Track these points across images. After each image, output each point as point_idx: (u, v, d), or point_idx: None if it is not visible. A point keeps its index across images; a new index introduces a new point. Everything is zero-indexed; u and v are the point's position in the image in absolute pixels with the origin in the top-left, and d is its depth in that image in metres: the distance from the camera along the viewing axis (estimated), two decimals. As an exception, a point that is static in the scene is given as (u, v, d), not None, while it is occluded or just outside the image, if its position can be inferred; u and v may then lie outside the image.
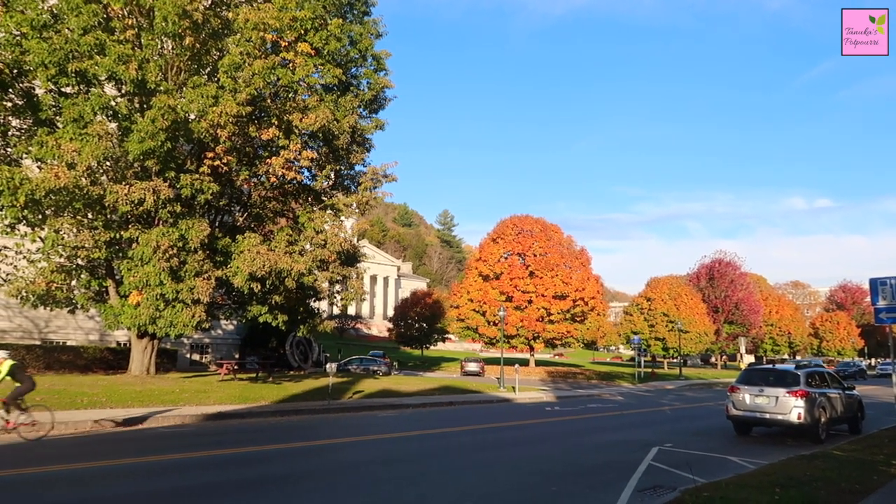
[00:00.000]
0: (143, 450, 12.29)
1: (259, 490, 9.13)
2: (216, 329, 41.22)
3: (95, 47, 18.46)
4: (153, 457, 11.52)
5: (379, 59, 26.29)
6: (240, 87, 19.72)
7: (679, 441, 15.21)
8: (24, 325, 33.82)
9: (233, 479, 9.90)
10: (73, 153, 17.76)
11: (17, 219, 19.23)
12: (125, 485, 9.28)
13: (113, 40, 19.25)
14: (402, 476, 10.52)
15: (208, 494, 8.86)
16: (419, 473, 10.83)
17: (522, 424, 18.80)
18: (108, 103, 18.41)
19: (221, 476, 10.12)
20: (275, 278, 20.61)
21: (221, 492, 9.01)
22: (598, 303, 57.61)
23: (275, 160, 20.86)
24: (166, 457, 11.60)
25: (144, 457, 11.48)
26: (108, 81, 19.60)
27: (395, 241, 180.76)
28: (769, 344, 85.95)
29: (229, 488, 9.23)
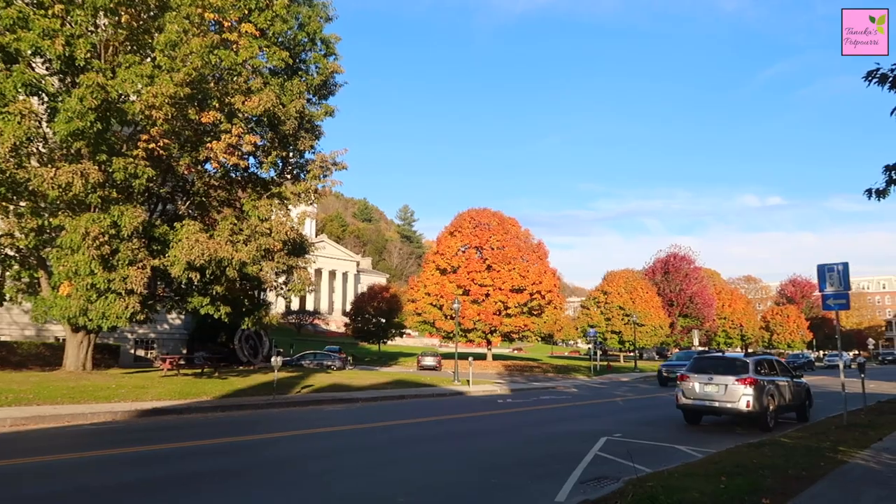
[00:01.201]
0: (61, 447, 11.41)
1: (188, 487, 8.44)
2: (162, 323, 39.84)
3: (19, 21, 17.27)
4: (72, 454, 10.67)
5: (328, 44, 25.44)
6: (177, 67, 18.75)
7: (629, 431, 14.91)
8: (-49, 320, 32.09)
9: (158, 476, 9.15)
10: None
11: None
12: (29, 486, 8.45)
13: (39, 14, 18.08)
14: (341, 470, 9.92)
15: (126, 493, 8.11)
16: (359, 467, 10.24)
17: (472, 417, 18.32)
18: (31, 81, 17.23)
19: (146, 473, 9.36)
20: (215, 268, 19.70)
21: (142, 490, 8.27)
22: (554, 296, 57.63)
23: (216, 144, 19.92)
24: (88, 454, 10.77)
25: (61, 454, 10.62)
26: (34, 58, 18.39)
27: (354, 237, 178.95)
28: (722, 337, 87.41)
29: (152, 486, 8.50)
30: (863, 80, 7.63)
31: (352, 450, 12.08)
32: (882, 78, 7.57)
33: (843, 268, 14.58)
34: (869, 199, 9.32)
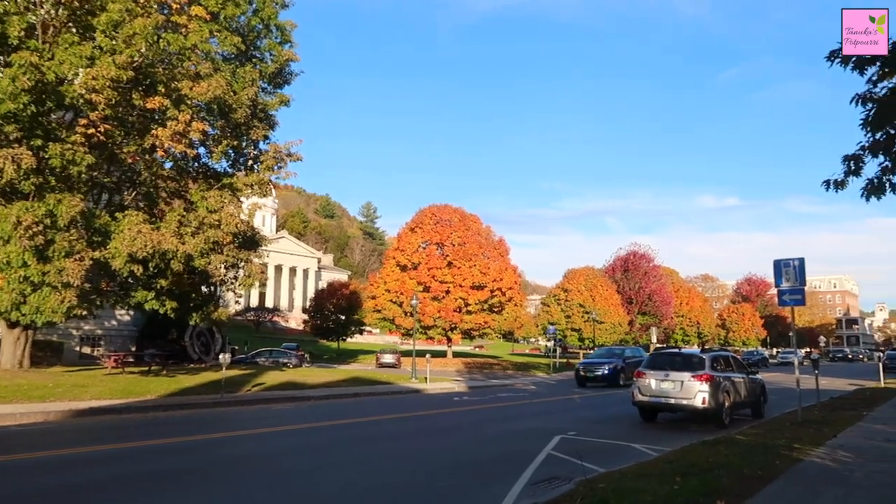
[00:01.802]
0: None
1: (112, 492, 7.76)
2: (109, 320, 38.38)
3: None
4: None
5: (283, 30, 24.59)
6: (119, 49, 17.79)
7: (584, 429, 14.59)
8: None
9: (77, 482, 8.43)
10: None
11: None
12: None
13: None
14: (280, 472, 9.32)
15: (49, 498, 7.42)
16: (300, 469, 9.66)
17: (427, 415, 17.83)
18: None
19: (67, 478, 8.62)
20: (159, 260, 18.79)
21: (66, 496, 7.58)
22: (515, 293, 57.52)
23: (161, 131, 18.98)
24: (11, 457, 9.96)
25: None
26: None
27: (316, 233, 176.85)
28: (679, 334, 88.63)
29: (77, 491, 7.80)
30: (825, 59, 7.36)
31: (295, 451, 11.48)
32: (845, 59, 7.30)
33: (798, 263, 14.49)
34: (827, 190, 9.09)
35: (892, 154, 8.41)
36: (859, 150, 8.63)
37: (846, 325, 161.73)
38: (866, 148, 8.53)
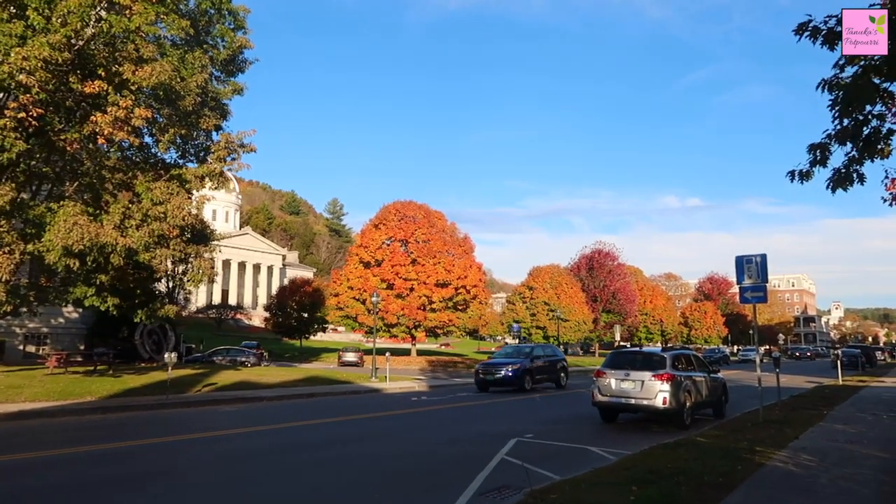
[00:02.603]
0: None
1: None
2: (56, 317, 36.78)
3: None
4: None
5: (236, 16, 23.58)
6: (54, 28, 16.66)
7: (542, 431, 14.04)
8: None
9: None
10: None
11: None
12: None
13: None
14: (207, 483, 8.55)
15: None
16: (230, 479, 8.90)
17: (381, 417, 17.10)
18: None
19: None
20: (97, 254, 17.70)
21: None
22: (480, 291, 57.03)
23: (100, 117, 17.86)
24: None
25: None
26: None
27: (281, 230, 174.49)
28: (643, 332, 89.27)
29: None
30: (793, 34, 6.84)
31: (229, 458, 10.66)
32: (814, 31, 6.79)
33: (761, 259, 14.13)
34: (792, 181, 8.58)
35: (859, 142, 7.96)
36: (825, 138, 8.16)
37: (804, 324, 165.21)
38: (833, 136, 8.06)
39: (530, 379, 26.34)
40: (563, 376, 28.84)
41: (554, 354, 29.68)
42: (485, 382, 26.38)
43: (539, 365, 27.37)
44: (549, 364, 28.15)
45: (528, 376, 26.19)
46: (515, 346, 31.44)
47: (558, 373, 28.59)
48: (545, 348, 30.50)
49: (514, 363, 26.31)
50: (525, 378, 25.99)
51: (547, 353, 29.37)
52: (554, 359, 29.03)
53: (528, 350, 28.31)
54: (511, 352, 29.46)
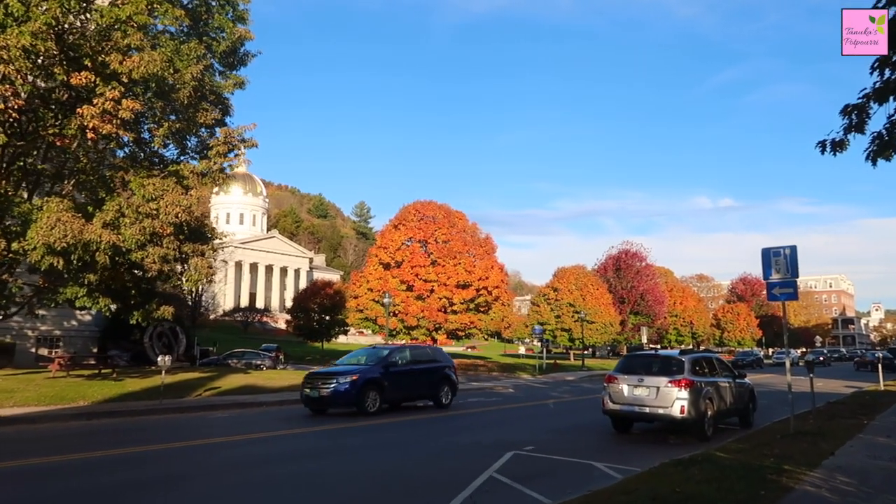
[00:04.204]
0: None
1: None
2: (69, 319, 36.45)
3: None
4: None
5: (235, 6, 22.69)
6: (34, 16, 15.89)
7: (545, 441, 12.73)
8: None
9: None
10: None
11: None
12: None
13: None
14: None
15: None
16: (188, 499, 7.82)
17: (375, 425, 15.94)
18: None
19: None
20: (82, 252, 16.87)
21: None
22: (502, 292, 55.55)
23: (86, 109, 17.05)
24: None
25: None
26: None
27: (309, 233, 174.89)
28: (673, 335, 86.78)
29: None
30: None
31: (194, 473, 9.59)
32: None
33: (790, 251, 12.63)
34: (823, 153, 7.23)
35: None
36: (862, 98, 6.81)
37: (842, 325, 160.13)
38: (872, 95, 6.71)
39: (377, 395, 18.23)
40: (447, 390, 20.77)
41: (434, 360, 21.28)
42: (309, 400, 18.37)
43: (400, 374, 19.41)
44: (420, 373, 20.19)
45: (372, 392, 18.13)
46: (373, 349, 21.75)
47: (439, 385, 20.53)
48: (417, 351, 21.93)
49: (353, 372, 18.34)
50: (367, 395, 17.92)
51: (419, 356, 21.07)
52: (432, 366, 20.80)
53: (385, 354, 19.95)
54: (362, 354, 20.96)
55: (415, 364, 20.38)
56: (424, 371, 20.46)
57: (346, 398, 17.72)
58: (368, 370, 18.68)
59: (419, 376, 20.16)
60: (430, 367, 20.78)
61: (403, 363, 20.01)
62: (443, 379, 20.81)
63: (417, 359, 20.80)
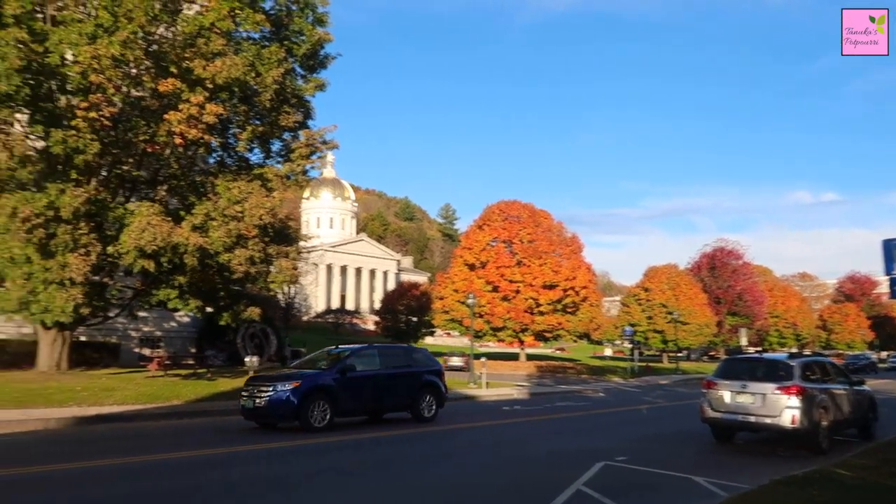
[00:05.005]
0: None
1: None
2: (168, 321, 38.07)
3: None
4: None
5: (314, 9, 22.85)
6: (122, 26, 16.41)
7: (638, 451, 11.81)
8: (-55, 316, 30.75)
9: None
10: None
11: None
12: None
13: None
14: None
15: None
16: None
17: (458, 429, 15.48)
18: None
19: None
20: (171, 255, 17.30)
21: None
22: (590, 293, 54.05)
23: (173, 115, 17.51)
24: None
25: None
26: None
27: (396, 235, 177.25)
28: (775, 336, 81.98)
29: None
30: None
31: (271, 480, 9.37)
32: None
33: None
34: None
35: None
36: None
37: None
38: None
39: (327, 406, 14.64)
40: (430, 401, 17.20)
41: (412, 363, 17.59)
42: (245, 411, 15.28)
43: (361, 380, 15.80)
44: (391, 379, 16.53)
45: (320, 402, 14.55)
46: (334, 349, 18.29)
47: (418, 395, 16.87)
48: (388, 352, 18.20)
49: (296, 377, 14.99)
50: (313, 406, 14.41)
51: (391, 360, 17.35)
52: (409, 370, 17.12)
53: (344, 355, 16.46)
54: (318, 357, 17.92)
55: (384, 369, 16.60)
56: (397, 377, 16.69)
57: (285, 410, 14.26)
58: (317, 375, 15.21)
59: (390, 383, 16.44)
60: (407, 372, 17.00)
61: (367, 367, 16.24)
62: (424, 387, 17.06)
63: (389, 362, 17.05)
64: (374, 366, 16.52)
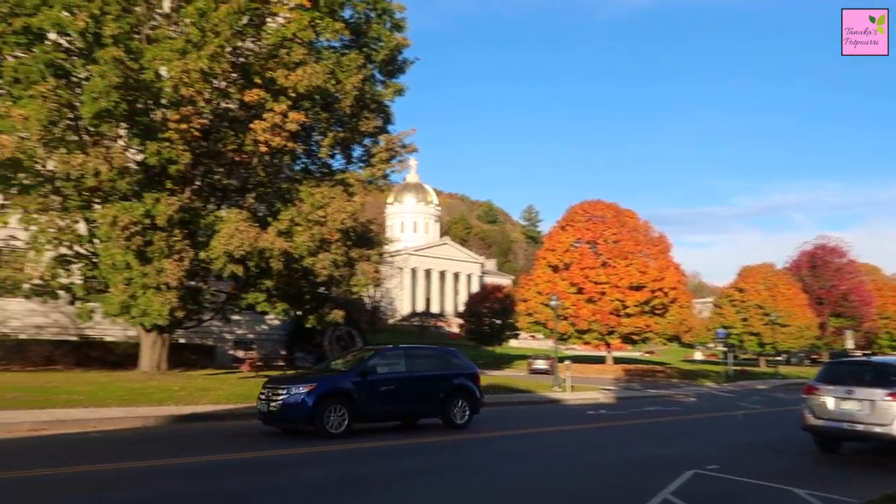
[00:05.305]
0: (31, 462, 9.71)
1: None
2: (260, 324, 39.52)
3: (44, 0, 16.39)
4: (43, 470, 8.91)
5: (392, 15, 23.14)
6: (209, 41, 17.12)
7: (732, 460, 11.16)
8: (60, 320, 33.02)
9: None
10: (22, 119, 15.69)
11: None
12: None
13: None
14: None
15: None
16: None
17: (540, 433, 15.17)
18: (54, 61, 16.22)
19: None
20: (258, 259, 17.89)
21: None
22: (679, 294, 52.19)
23: (257, 124, 18.14)
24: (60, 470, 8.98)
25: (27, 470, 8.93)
26: (61, 37, 17.46)
27: (479, 239, 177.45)
28: (885, 339, 76.52)
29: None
30: None
31: (340, 483, 9.43)
32: None
33: None
34: None
35: None
36: None
37: None
38: None
39: (345, 411, 13.71)
40: (463, 406, 15.76)
41: (443, 366, 16.21)
42: (260, 414, 14.46)
43: (384, 383, 14.73)
44: (418, 382, 15.40)
45: (337, 406, 13.68)
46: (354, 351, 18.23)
47: (449, 399, 15.56)
48: (417, 353, 16.74)
49: (312, 379, 14.35)
50: (329, 410, 13.50)
51: (419, 362, 16.09)
52: (440, 373, 15.80)
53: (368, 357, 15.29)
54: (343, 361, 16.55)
55: (411, 371, 15.38)
56: (426, 380, 15.55)
57: (299, 414, 13.36)
58: (334, 378, 14.42)
59: (417, 387, 15.28)
60: (437, 375, 15.76)
61: (392, 369, 15.14)
62: (456, 391, 15.72)
63: (416, 364, 15.80)
64: (400, 368, 15.36)
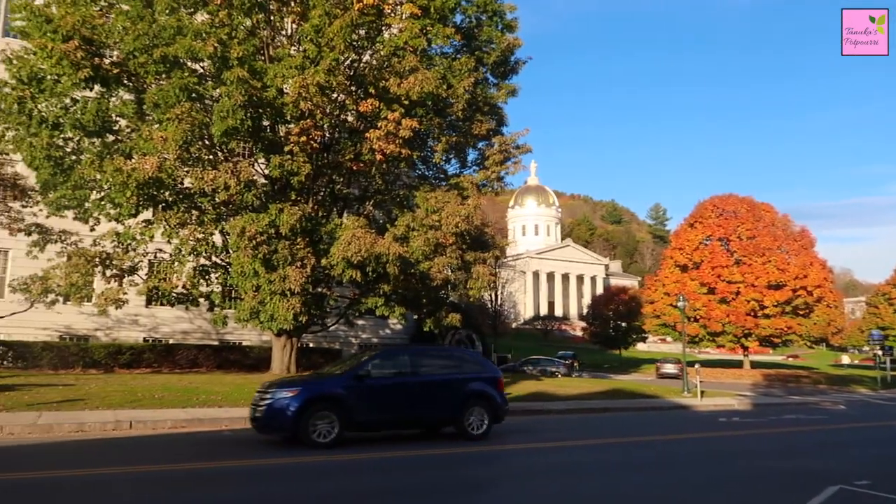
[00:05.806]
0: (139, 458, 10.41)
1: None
2: (384, 329, 40.60)
3: (177, 29, 17.68)
4: (139, 467, 9.57)
5: (502, 16, 22.98)
6: (325, 55, 17.76)
7: (886, 475, 10.00)
8: (203, 326, 35.64)
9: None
10: (162, 140, 17.04)
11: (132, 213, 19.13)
12: None
13: (206, 21, 18.45)
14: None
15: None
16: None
17: (664, 440, 14.34)
18: (188, 85, 17.44)
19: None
20: (375, 264, 18.33)
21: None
22: (825, 292, 48.16)
23: (372, 133, 18.59)
24: (157, 467, 9.60)
25: (128, 466, 9.58)
26: (194, 63, 18.77)
27: (603, 240, 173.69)
28: None
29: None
30: None
31: (425, 489, 9.34)
32: None
33: None
34: None
35: None
36: None
37: None
38: None
39: (334, 418, 12.21)
40: (480, 413, 13.74)
41: (454, 369, 14.22)
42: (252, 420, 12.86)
43: (382, 388, 13.10)
44: (424, 387, 13.58)
45: (324, 413, 12.19)
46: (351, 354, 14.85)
47: (463, 406, 13.60)
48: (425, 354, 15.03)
49: (297, 386, 12.68)
50: (314, 417, 12.07)
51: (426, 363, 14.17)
52: (451, 377, 13.93)
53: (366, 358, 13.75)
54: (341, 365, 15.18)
55: (416, 374, 13.62)
56: (434, 384, 13.78)
57: (282, 420, 12.10)
58: (323, 382, 13.17)
59: (423, 392, 13.55)
60: (447, 379, 13.92)
61: (393, 373, 13.52)
62: (471, 397, 13.80)
63: (423, 367, 13.96)
64: (404, 371, 13.70)
